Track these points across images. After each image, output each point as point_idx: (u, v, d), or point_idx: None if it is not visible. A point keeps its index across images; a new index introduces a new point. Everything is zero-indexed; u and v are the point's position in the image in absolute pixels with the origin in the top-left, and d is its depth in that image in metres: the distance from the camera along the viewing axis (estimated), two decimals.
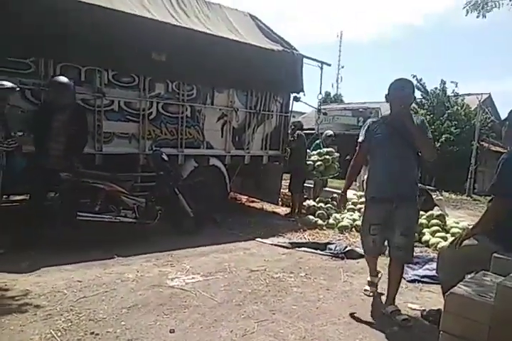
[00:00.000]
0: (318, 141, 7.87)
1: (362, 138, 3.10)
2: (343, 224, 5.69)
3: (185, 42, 5.08)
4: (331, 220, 5.94)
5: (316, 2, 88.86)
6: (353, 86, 66.26)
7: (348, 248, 4.54)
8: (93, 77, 4.56)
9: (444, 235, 5.17)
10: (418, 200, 3.04)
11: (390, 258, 3.03)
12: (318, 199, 7.02)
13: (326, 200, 6.92)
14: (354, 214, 6.08)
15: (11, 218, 3.83)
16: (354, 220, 5.79)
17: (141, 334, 2.46)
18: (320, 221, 5.89)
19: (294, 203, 6.52)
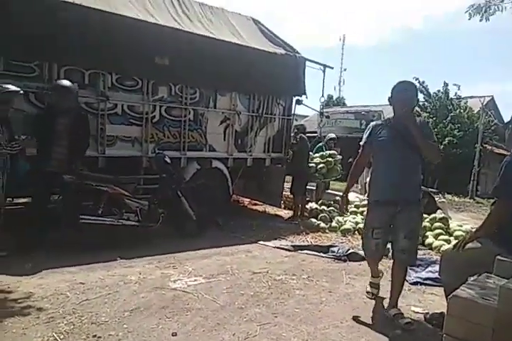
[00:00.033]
0: (320, 144, 7.89)
1: (364, 141, 3.10)
2: (345, 227, 5.68)
3: (188, 46, 5.11)
4: (334, 223, 5.93)
5: (319, 6, 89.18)
6: (356, 89, 66.28)
7: (350, 250, 4.53)
8: (97, 80, 4.60)
9: (447, 238, 5.15)
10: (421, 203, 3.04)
11: (394, 260, 3.02)
12: (320, 201, 7.02)
13: (328, 203, 6.91)
14: (357, 217, 6.07)
15: (14, 221, 3.84)
16: (357, 223, 5.77)
17: (144, 338, 2.46)
18: (322, 224, 5.88)
19: (296, 206, 6.51)
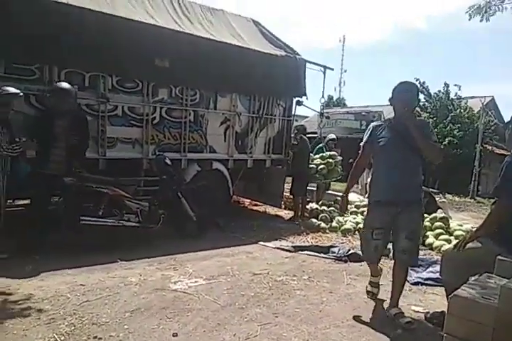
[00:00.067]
0: (321, 145, 7.89)
1: (365, 141, 3.10)
2: (346, 227, 5.68)
3: (188, 47, 5.12)
4: (334, 223, 5.93)
5: (319, 8, 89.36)
6: (356, 90, 66.45)
7: (351, 251, 4.52)
8: (97, 82, 4.60)
9: (447, 238, 5.14)
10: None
11: (394, 261, 3.02)
12: (321, 202, 7.02)
13: (328, 203, 6.90)
14: (357, 217, 6.07)
15: (15, 223, 3.85)
16: (357, 223, 5.77)
17: (144, 338, 2.46)
18: (323, 224, 5.88)
19: (296, 206, 6.52)
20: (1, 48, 3.89)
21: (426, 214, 5.36)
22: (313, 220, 6.01)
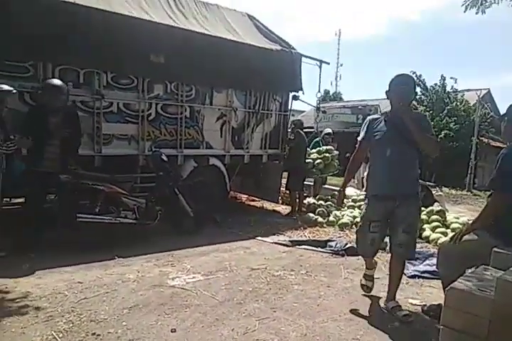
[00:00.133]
0: (317, 139, 7.89)
1: (362, 135, 3.09)
2: (343, 222, 5.69)
3: (183, 43, 5.08)
4: (331, 217, 5.94)
5: (313, 2, 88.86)
6: (352, 83, 66.47)
7: (348, 245, 4.53)
8: (92, 79, 4.56)
9: (444, 230, 5.17)
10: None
11: (391, 254, 3.03)
12: (318, 196, 7.03)
13: (325, 198, 6.92)
14: (354, 211, 6.08)
15: (11, 221, 3.83)
16: (354, 217, 5.78)
17: (143, 334, 2.46)
18: (320, 218, 5.90)
19: (293, 201, 6.52)
20: None
21: (423, 208, 5.39)
22: (311, 215, 6.02)
